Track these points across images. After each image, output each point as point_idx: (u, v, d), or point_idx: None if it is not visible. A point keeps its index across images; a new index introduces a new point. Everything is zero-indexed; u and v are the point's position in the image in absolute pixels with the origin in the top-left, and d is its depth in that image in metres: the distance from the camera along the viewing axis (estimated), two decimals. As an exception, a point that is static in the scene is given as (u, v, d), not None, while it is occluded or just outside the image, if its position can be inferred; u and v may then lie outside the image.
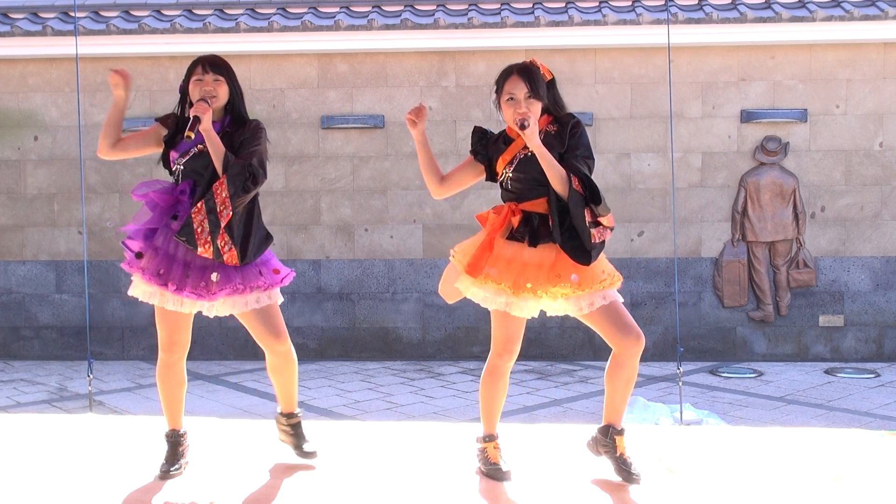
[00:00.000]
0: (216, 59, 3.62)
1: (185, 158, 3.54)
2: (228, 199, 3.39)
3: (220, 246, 3.42)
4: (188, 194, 3.50)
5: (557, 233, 3.39)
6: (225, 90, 3.56)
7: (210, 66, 3.57)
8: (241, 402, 7.33)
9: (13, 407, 7.19)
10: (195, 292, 3.47)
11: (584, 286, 3.42)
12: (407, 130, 8.97)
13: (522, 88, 3.48)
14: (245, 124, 3.59)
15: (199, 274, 3.48)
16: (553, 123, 3.55)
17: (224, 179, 3.40)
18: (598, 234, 3.39)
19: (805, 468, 3.80)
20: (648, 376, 8.18)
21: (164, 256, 3.49)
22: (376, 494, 3.49)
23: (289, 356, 3.73)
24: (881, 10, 8.46)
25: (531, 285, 3.41)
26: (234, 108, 3.61)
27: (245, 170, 3.41)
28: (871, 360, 8.88)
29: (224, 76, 3.57)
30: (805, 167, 8.89)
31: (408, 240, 9.06)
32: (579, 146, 3.48)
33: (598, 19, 8.65)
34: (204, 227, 3.40)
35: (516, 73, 3.53)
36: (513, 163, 3.53)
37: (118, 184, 9.13)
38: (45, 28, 8.82)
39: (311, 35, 8.71)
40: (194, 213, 3.40)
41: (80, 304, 9.12)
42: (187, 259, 3.49)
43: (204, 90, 3.51)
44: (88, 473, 3.75)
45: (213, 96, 3.51)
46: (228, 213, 3.40)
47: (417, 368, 8.62)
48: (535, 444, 4.21)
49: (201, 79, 3.54)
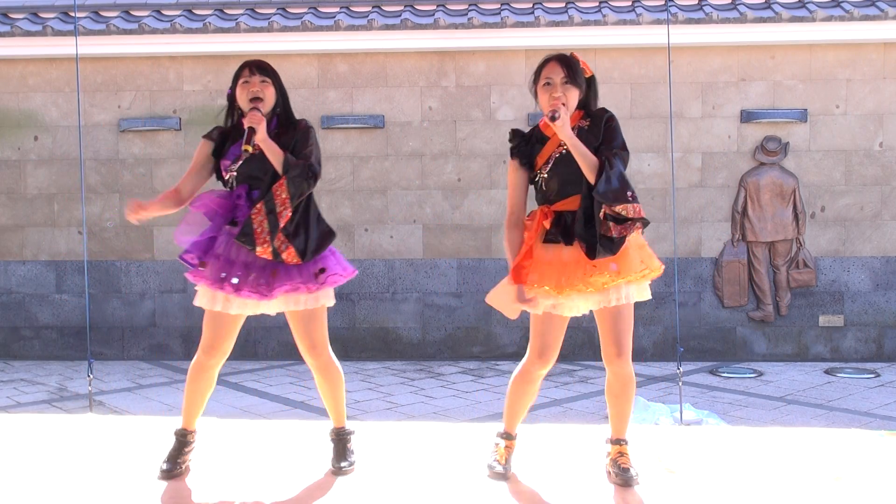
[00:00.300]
0: (263, 62, 3.67)
1: (238, 164, 3.57)
2: (288, 199, 3.44)
3: (277, 246, 3.45)
4: (244, 198, 3.54)
5: (580, 225, 3.36)
6: (272, 92, 3.60)
7: (257, 69, 3.61)
8: (241, 402, 7.32)
9: (13, 407, 7.19)
10: (255, 291, 3.48)
11: (623, 274, 3.40)
12: (406, 130, 8.98)
13: (560, 73, 3.46)
14: (293, 125, 3.62)
15: (259, 273, 3.50)
16: (585, 118, 3.53)
17: (283, 181, 3.44)
18: (618, 229, 3.32)
19: (805, 468, 3.80)
20: (648, 376, 8.18)
21: (224, 261, 3.52)
22: (376, 494, 3.49)
23: (324, 370, 3.71)
24: (881, 10, 8.46)
25: (573, 282, 3.39)
26: (282, 110, 3.65)
27: (305, 171, 3.45)
28: (871, 360, 8.88)
29: (271, 78, 3.61)
30: (805, 167, 8.89)
31: (408, 240, 9.06)
32: (615, 138, 3.46)
33: (598, 19, 8.65)
34: (263, 227, 3.43)
35: (555, 59, 3.51)
36: (548, 162, 3.51)
37: (118, 184, 9.13)
38: (45, 28, 8.82)
39: (311, 35, 8.71)
40: (254, 214, 3.44)
41: (80, 304, 9.12)
42: (248, 260, 3.51)
43: (251, 91, 3.55)
44: (88, 473, 3.75)
45: (260, 98, 3.54)
46: (287, 214, 3.44)
47: (417, 368, 8.62)
48: (535, 444, 4.21)
49: (248, 80, 3.59)
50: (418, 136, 9.00)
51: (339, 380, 3.77)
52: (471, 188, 8.97)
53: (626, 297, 3.45)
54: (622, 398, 3.57)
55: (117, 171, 9.13)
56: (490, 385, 7.85)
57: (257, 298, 3.50)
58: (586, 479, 3.61)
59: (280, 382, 7.98)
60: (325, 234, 3.60)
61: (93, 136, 9.06)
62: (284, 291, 3.51)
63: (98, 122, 9.09)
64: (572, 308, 3.49)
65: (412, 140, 9.01)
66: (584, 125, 3.51)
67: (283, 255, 3.46)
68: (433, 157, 9.01)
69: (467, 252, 9.02)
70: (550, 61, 3.51)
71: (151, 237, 9.14)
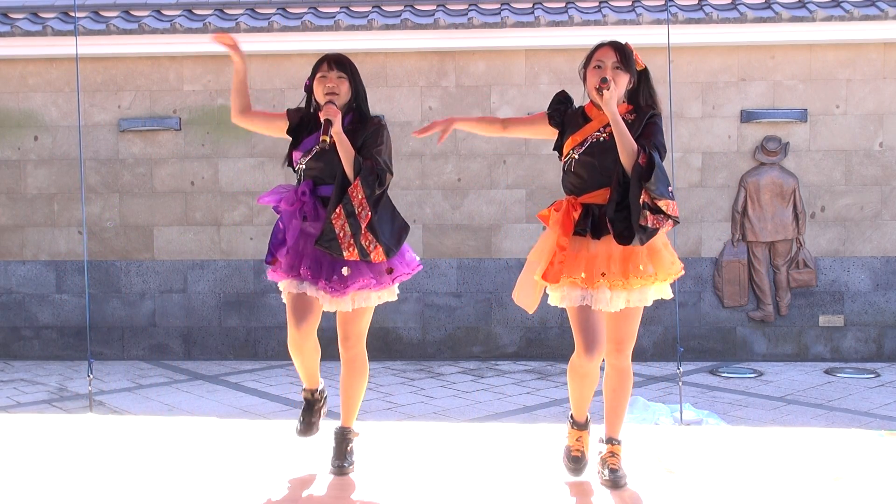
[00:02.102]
0: (341, 57, 3.68)
1: (308, 157, 3.59)
2: (366, 199, 3.45)
3: (364, 246, 3.46)
4: (308, 194, 3.56)
5: (612, 207, 3.31)
6: (347, 88, 3.61)
7: (335, 64, 3.62)
8: (241, 402, 7.32)
9: (13, 407, 7.19)
10: (329, 286, 3.49)
11: (661, 277, 3.41)
12: (407, 130, 8.98)
13: (612, 57, 3.44)
14: (365, 121, 3.62)
15: (330, 268, 3.50)
16: (632, 113, 3.49)
17: (359, 181, 3.45)
18: (653, 220, 3.28)
19: (805, 468, 3.80)
20: (648, 376, 8.18)
21: (294, 254, 3.54)
22: (376, 494, 3.49)
23: (351, 363, 3.71)
24: (881, 10, 8.46)
25: (605, 275, 3.36)
26: (356, 106, 3.65)
27: (374, 171, 3.47)
28: (871, 360, 8.88)
29: (347, 74, 3.62)
30: (805, 167, 8.89)
31: (408, 240, 9.04)
32: (655, 134, 3.42)
33: (598, 19, 8.65)
34: (346, 231, 3.44)
35: (608, 44, 3.49)
36: (583, 144, 3.46)
37: (118, 184, 9.13)
38: (45, 28, 8.82)
39: (311, 35, 8.70)
40: (334, 219, 3.44)
41: (80, 304, 9.12)
42: (317, 254, 3.52)
43: (327, 86, 3.56)
44: (88, 473, 3.75)
45: (335, 93, 3.55)
46: (368, 214, 3.45)
47: (417, 368, 8.62)
48: (535, 444, 4.21)
49: (325, 76, 3.61)
50: (418, 136, 8.99)
51: (363, 377, 3.77)
52: (471, 188, 8.97)
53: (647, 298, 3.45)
54: (619, 392, 3.56)
55: (117, 171, 9.12)
56: (490, 385, 7.85)
57: (329, 294, 3.50)
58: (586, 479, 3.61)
59: (280, 382, 7.98)
60: (403, 229, 3.66)
61: (93, 136, 9.05)
62: (356, 289, 3.52)
63: (98, 122, 9.09)
64: (602, 301, 3.39)
65: (412, 140, 9.01)
66: (629, 118, 3.45)
67: (371, 255, 3.48)
68: (433, 157, 9.01)
69: (467, 252, 9.02)
70: (603, 46, 3.49)
71: (151, 237, 9.14)
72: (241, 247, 9.07)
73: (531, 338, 8.90)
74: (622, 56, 3.45)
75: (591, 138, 3.45)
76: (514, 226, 8.87)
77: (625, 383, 3.57)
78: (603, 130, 3.44)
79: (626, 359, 3.53)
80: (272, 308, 8.92)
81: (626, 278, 3.36)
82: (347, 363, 3.72)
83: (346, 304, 3.57)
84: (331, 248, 3.45)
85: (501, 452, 4.04)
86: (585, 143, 3.46)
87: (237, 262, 9.05)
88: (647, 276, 3.39)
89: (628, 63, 3.46)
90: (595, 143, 3.44)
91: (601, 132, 3.44)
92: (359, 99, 3.66)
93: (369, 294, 3.58)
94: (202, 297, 9.02)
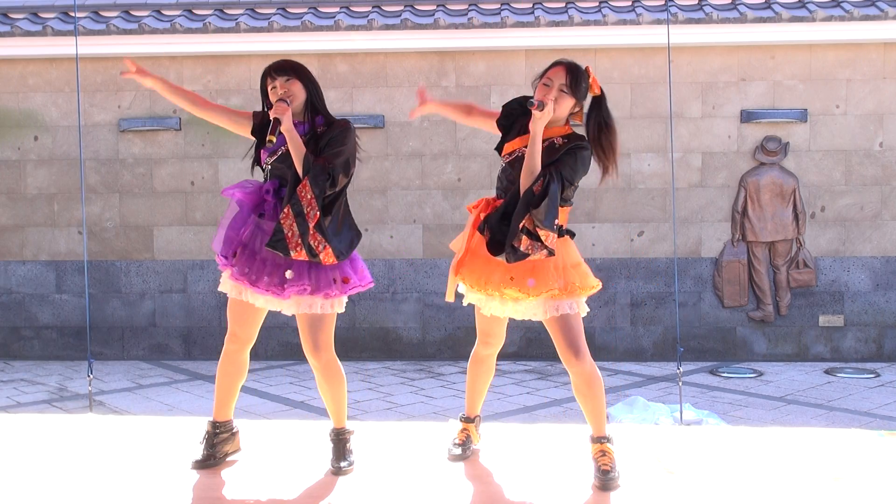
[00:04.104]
0: (281, 62, 3.66)
1: (274, 158, 3.60)
2: (314, 199, 3.43)
3: (313, 246, 3.45)
4: (272, 193, 3.57)
5: (496, 216, 3.41)
6: (299, 87, 3.59)
7: (276, 71, 3.61)
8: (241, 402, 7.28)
9: (13, 407, 7.19)
10: (269, 290, 3.50)
11: (535, 291, 3.44)
12: (407, 130, 8.98)
13: (561, 78, 3.44)
14: (333, 123, 3.61)
15: (273, 270, 3.51)
16: (566, 137, 3.49)
17: (307, 180, 3.43)
18: (527, 244, 3.34)
19: (805, 468, 3.80)
20: (648, 376, 8.18)
21: (249, 254, 3.54)
22: (376, 494, 3.49)
23: (325, 371, 3.70)
24: (881, 10, 8.46)
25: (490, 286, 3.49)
26: (317, 107, 3.63)
27: (325, 171, 3.45)
28: (871, 360, 8.88)
29: (293, 75, 3.60)
30: (805, 167, 8.89)
31: (408, 240, 9.06)
32: (567, 164, 3.41)
33: (598, 19, 8.65)
34: (294, 230, 3.44)
35: (563, 65, 3.49)
36: (512, 154, 3.54)
37: (118, 184, 9.14)
38: (45, 28, 8.82)
39: (311, 35, 8.71)
40: (283, 219, 3.44)
41: (80, 304, 9.12)
42: (265, 256, 3.53)
43: (279, 93, 3.56)
44: (88, 473, 3.75)
45: (290, 95, 3.55)
46: (316, 214, 3.44)
47: (417, 368, 8.62)
48: (535, 444, 4.21)
49: (274, 86, 3.60)
50: (418, 136, 9.01)
51: (340, 381, 3.76)
52: (471, 188, 8.96)
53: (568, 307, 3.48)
54: (589, 396, 3.56)
55: (117, 171, 9.13)
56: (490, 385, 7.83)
57: (271, 296, 3.52)
58: (586, 479, 3.61)
59: (280, 382, 7.98)
60: (356, 236, 3.65)
61: (93, 136, 9.06)
62: (296, 293, 3.51)
63: (98, 122, 9.10)
64: (491, 308, 3.58)
65: (412, 140, 9.01)
66: (558, 142, 3.47)
67: (320, 255, 3.47)
68: (433, 157, 9.01)
69: (467, 252, 9.01)
70: (558, 65, 3.49)
71: (151, 237, 9.14)
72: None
73: (531, 338, 8.89)
74: (573, 79, 3.44)
75: (519, 151, 3.51)
76: (514, 226, 8.86)
77: (593, 387, 3.55)
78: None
79: (585, 362, 3.51)
80: (272, 308, 8.92)
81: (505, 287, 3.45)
82: (322, 371, 3.71)
83: (287, 306, 3.57)
84: (278, 247, 3.45)
85: (501, 452, 4.03)
86: (514, 153, 3.53)
87: (237, 262, 9.04)
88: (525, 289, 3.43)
89: (577, 88, 3.46)
90: (521, 157, 3.47)
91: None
92: (317, 100, 3.64)
93: (314, 300, 3.55)
94: (202, 297, 9.02)
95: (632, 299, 8.95)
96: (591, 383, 3.55)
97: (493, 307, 3.59)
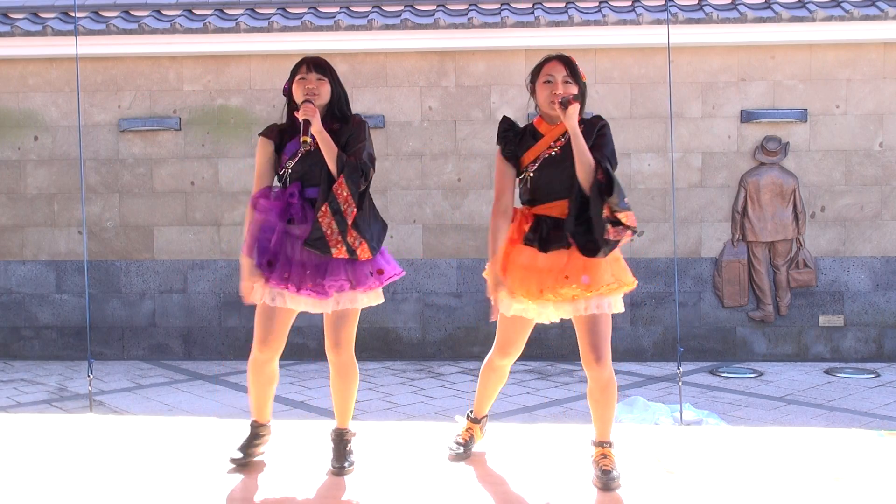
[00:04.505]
0: (319, 59, 3.68)
1: (294, 161, 3.58)
2: (350, 196, 3.45)
3: (350, 243, 3.47)
4: (297, 196, 3.55)
5: (571, 222, 3.38)
6: (327, 89, 3.61)
7: (314, 67, 3.63)
8: (241, 402, 7.32)
9: (13, 407, 7.19)
10: (314, 290, 3.50)
11: (593, 287, 3.43)
12: (407, 130, 8.98)
13: (561, 71, 3.51)
14: (347, 120, 3.63)
15: (315, 272, 3.51)
16: (580, 123, 3.52)
17: (343, 178, 3.44)
18: (613, 232, 3.36)
19: (805, 468, 3.80)
20: (648, 376, 8.18)
21: (284, 260, 3.53)
22: (376, 494, 3.49)
23: (342, 368, 3.72)
24: (881, 10, 8.46)
25: (547, 291, 3.44)
26: (338, 108, 3.65)
27: (357, 167, 3.47)
28: (871, 360, 8.88)
29: (327, 76, 3.62)
30: (805, 167, 8.89)
31: (408, 240, 9.06)
32: (606, 145, 3.48)
33: (598, 19, 8.65)
34: (333, 228, 3.44)
35: (555, 58, 3.55)
36: (536, 161, 3.53)
37: (118, 184, 9.13)
38: (45, 28, 8.82)
39: (311, 35, 8.71)
40: (321, 217, 3.44)
41: (80, 304, 9.12)
42: (303, 259, 3.53)
43: (307, 88, 3.56)
44: (88, 473, 3.75)
45: (316, 94, 3.55)
46: (353, 211, 3.46)
47: (417, 368, 8.62)
48: (535, 444, 4.21)
49: (305, 77, 3.60)
50: (418, 136, 9.01)
51: (354, 381, 3.78)
52: (471, 188, 8.97)
53: (607, 306, 3.48)
54: (602, 402, 3.57)
55: (117, 171, 9.13)
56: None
57: (315, 297, 3.51)
58: (586, 479, 3.61)
59: (280, 382, 7.93)
60: (383, 228, 3.66)
61: (93, 136, 9.05)
62: (337, 290, 3.52)
63: (98, 122, 9.10)
64: (541, 315, 3.57)
65: (412, 140, 9.01)
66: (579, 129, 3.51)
67: (357, 252, 3.49)
68: (433, 157, 9.01)
69: (467, 252, 9.02)
70: (552, 60, 3.56)
71: (151, 237, 9.14)
72: (240, 247, 9.05)
73: (531, 338, 8.81)
74: (571, 69, 3.52)
75: (545, 154, 3.52)
76: (514, 226, 8.86)
77: (608, 394, 3.55)
78: (554, 145, 3.52)
79: (605, 368, 3.51)
80: (272, 308, 8.91)
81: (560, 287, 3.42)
82: (339, 368, 3.72)
83: (330, 305, 3.57)
84: (318, 246, 3.45)
85: (501, 452, 4.04)
86: (539, 159, 3.53)
87: (237, 263, 9.00)
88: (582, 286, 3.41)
89: (576, 76, 3.53)
90: (548, 159, 3.51)
91: (552, 147, 3.52)
92: (340, 101, 3.66)
93: (355, 295, 3.58)
94: (202, 297, 9.02)
95: (632, 299, 8.94)
96: (607, 390, 3.55)
97: (548, 313, 3.55)
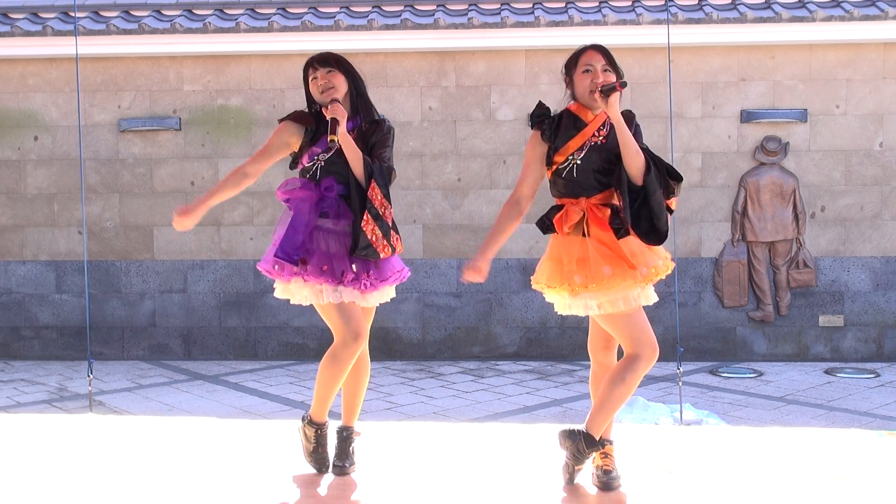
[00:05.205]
0: (323, 54, 3.67)
1: (329, 154, 3.54)
2: (385, 199, 3.51)
3: (392, 243, 3.56)
4: (334, 192, 3.53)
5: (629, 213, 3.32)
6: (341, 79, 3.59)
7: (319, 63, 3.62)
8: (241, 402, 7.32)
9: (13, 407, 7.19)
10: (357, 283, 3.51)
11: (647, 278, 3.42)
12: (407, 130, 8.98)
13: (600, 60, 3.48)
14: (376, 122, 3.64)
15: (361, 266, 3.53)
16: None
17: (375, 183, 3.48)
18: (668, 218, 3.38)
19: (805, 468, 3.81)
20: (648, 376, 8.14)
21: (321, 254, 3.50)
22: (376, 494, 3.49)
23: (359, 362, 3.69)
24: (881, 10, 8.46)
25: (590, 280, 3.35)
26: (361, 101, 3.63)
27: (384, 170, 3.54)
28: (871, 360, 8.88)
29: (335, 67, 3.60)
30: (805, 167, 8.89)
31: (408, 240, 9.05)
32: (640, 140, 3.47)
33: (598, 19, 8.65)
34: (377, 234, 3.50)
35: (592, 48, 3.52)
36: (583, 149, 3.45)
37: (118, 184, 9.13)
38: (45, 28, 8.82)
39: (311, 35, 8.70)
40: (364, 225, 3.47)
41: (80, 304, 9.12)
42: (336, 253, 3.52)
43: (321, 84, 3.57)
44: (88, 473, 3.75)
45: (332, 87, 3.55)
46: (390, 213, 3.54)
47: (417, 368, 8.62)
48: (535, 444, 4.21)
49: (315, 77, 3.61)
50: (418, 136, 9.01)
51: (366, 375, 3.79)
52: (471, 188, 8.97)
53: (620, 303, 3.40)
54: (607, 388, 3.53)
55: (117, 171, 9.13)
56: (490, 385, 7.85)
57: (361, 291, 3.51)
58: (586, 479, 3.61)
59: (280, 382, 7.98)
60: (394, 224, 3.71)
61: (93, 136, 9.05)
62: (383, 284, 3.58)
63: (98, 122, 9.10)
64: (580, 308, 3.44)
65: (412, 140, 9.01)
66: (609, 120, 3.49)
67: (396, 248, 3.59)
68: (433, 157, 9.01)
69: (467, 252, 9.02)
70: (588, 49, 3.52)
71: (151, 237, 9.14)
72: (241, 247, 9.07)
73: (531, 338, 8.89)
74: (609, 58, 3.50)
75: (590, 142, 3.47)
76: (514, 226, 8.86)
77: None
78: (598, 133, 3.47)
79: (613, 356, 3.58)
80: (272, 308, 8.92)
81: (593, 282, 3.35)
82: (356, 362, 3.70)
83: (365, 298, 3.57)
84: (369, 254, 3.49)
85: (501, 452, 4.04)
86: (585, 147, 3.45)
87: (237, 263, 9.05)
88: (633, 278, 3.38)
89: (615, 64, 3.52)
90: (594, 147, 3.46)
91: (597, 135, 3.47)
92: (360, 93, 3.64)
93: (389, 288, 3.68)
94: (202, 297, 9.02)
95: (632, 299, 8.94)
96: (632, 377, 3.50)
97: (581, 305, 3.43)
